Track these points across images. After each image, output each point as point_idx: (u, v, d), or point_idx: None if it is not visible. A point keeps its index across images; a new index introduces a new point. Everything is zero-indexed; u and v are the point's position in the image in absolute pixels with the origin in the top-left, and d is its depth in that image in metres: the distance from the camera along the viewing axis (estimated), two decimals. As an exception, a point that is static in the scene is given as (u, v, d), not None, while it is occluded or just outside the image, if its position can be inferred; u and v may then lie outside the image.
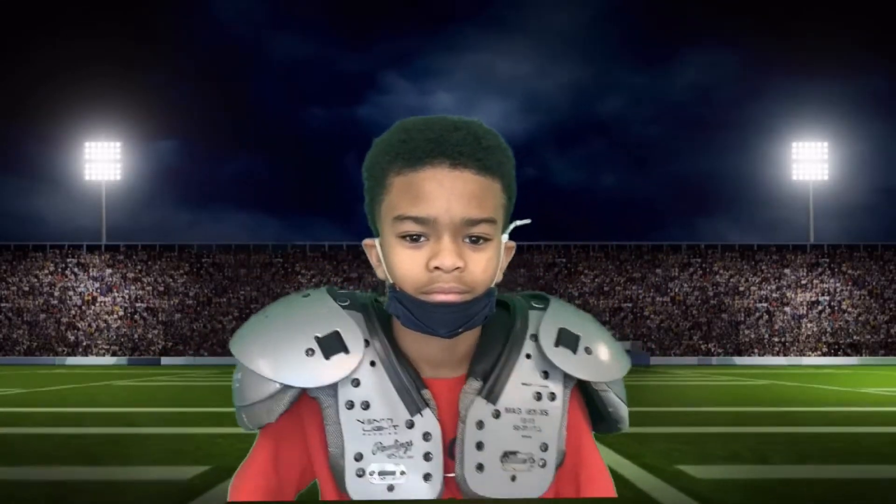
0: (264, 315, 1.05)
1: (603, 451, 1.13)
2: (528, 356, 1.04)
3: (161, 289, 61.23)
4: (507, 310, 1.08)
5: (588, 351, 1.04)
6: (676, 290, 61.75)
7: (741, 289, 61.50)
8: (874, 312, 59.54)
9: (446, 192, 0.94)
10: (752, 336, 58.39)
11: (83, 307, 59.82)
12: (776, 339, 58.17)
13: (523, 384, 1.02)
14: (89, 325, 58.52)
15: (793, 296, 60.90)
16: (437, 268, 0.94)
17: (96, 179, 65.78)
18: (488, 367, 1.02)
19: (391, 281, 1.00)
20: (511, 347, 1.04)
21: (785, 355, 56.75)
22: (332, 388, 0.99)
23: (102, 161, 65.29)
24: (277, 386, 0.99)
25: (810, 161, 65.76)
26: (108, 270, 62.29)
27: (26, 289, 60.84)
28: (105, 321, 58.96)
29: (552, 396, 1.03)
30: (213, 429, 10.59)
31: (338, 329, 1.00)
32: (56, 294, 60.53)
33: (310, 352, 0.98)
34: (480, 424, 0.99)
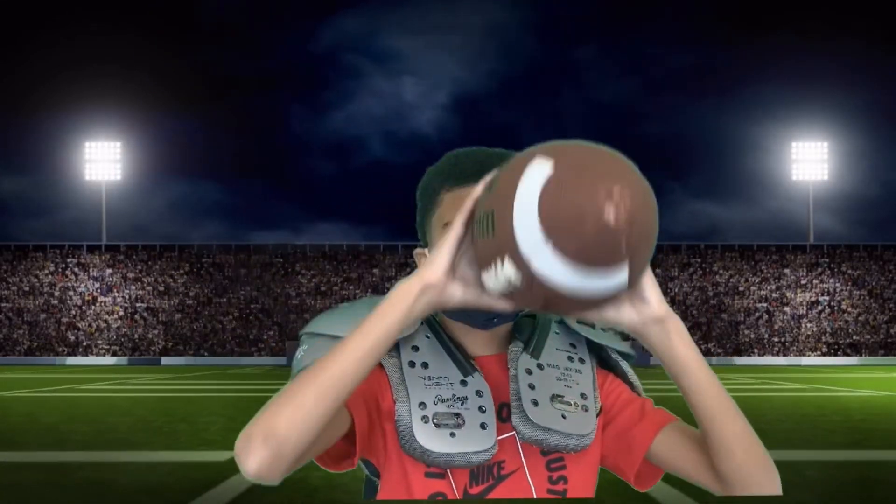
0: (335, 308, 1.21)
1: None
2: (557, 332, 1.23)
3: (161, 289, 61.25)
4: None
5: (604, 330, 1.24)
6: (676, 290, 61.79)
7: (741, 289, 61.53)
8: (874, 312, 59.56)
9: None
10: (752, 336, 58.42)
11: (83, 307, 59.84)
12: (776, 339, 58.19)
13: (557, 349, 1.21)
14: (89, 325, 58.54)
15: (793, 296, 60.92)
16: None
17: (96, 179, 65.80)
18: (526, 337, 1.21)
19: None
20: (542, 325, 1.23)
21: (785, 355, 56.77)
22: (396, 351, 1.15)
23: (102, 161, 65.30)
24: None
25: (810, 161, 65.79)
26: (109, 270, 62.32)
27: (26, 289, 60.86)
28: (105, 321, 58.98)
29: (581, 360, 1.21)
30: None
31: None
32: (56, 294, 60.55)
33: None
34: (529, 371, 1.15)
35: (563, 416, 1.12)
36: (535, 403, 1.11)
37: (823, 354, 56.65)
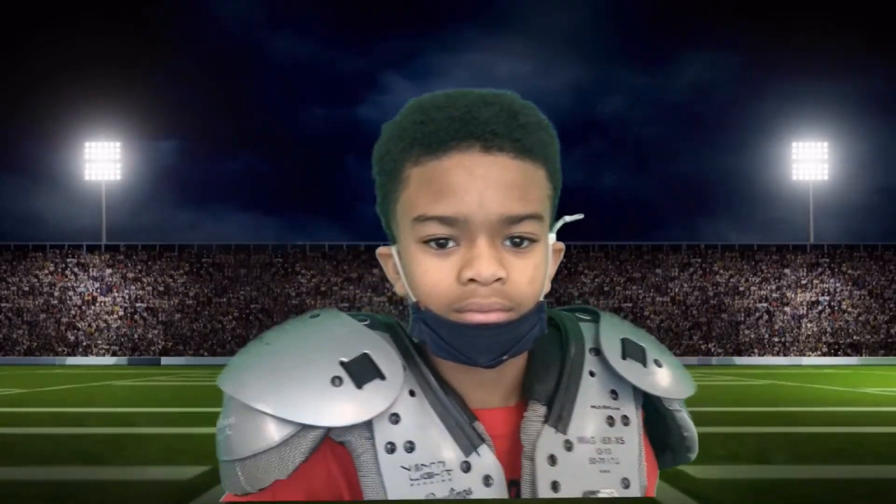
0: (263, 342, 0.80)
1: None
2: (592, 374, 0.84)
3: (161, 289, 61.23)
4: (552, 323, 0.88)
5: (658, 364, 0.86)
6: (676, 290, 61.76)
7: (741, 289, 61.50)
8: (874, 312, 59.54)
9: (479, 183, 0.74)
10: (752, 336, 58.39)
11: (83, 307, 59.82)
12: (776, 339, 58.17)
13: (592, 407, 0.83)
14: (89, 325, 58.53)
15: (793, 296, 60.90)
16: (471, 280, 0.74)
17: (96, 179, 65.77)
18: (550, 389, 0.82)
19: (413, 298, 0.79)
20: (572, 364, 0.84)
21: (785, 355, 56.75)
22: (367, 427, 0.76)
23: (102, 161, 65.27)
24: (292, 428, 0.74)
25: (810, 161, 65.75)
26: (108, 270, 62.30)
27: (26, 289, 60.84)
28: (105, 321, 58.96)
29: (625, 420, 0.84)
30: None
31: (367, 351, 0.77)
32: (56, 294, 60.53)
33: (336, 380, 0.75)
34: (553, 460, 0.78)
35: None
36: None
37: (823, 354, 56.64)
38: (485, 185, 0.74)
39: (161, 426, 11.46)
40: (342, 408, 0.74)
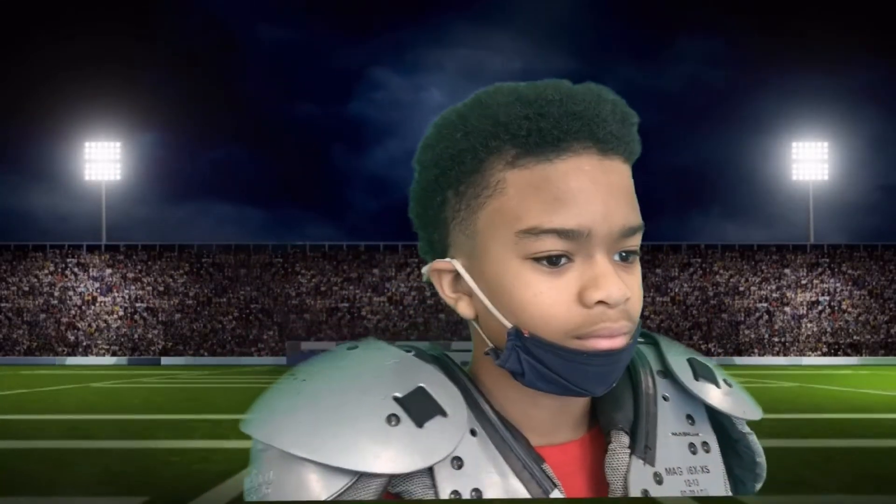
0: (298, 379, 0.68)
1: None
2: (666, 398, 0.76)
3: (161, 289, 61.24)
4: None
5: (728, 383, 0.79)
6: (676, 290, 61.77)
7: (741, 289, 61.52)
8: (874, 312, 59.56)
9: (602, 191, 0.65)
10: (753, 336, 58.41)
11: (83, 307, 59.83)
12: (776, 339, 58.19)
13: (673, 434, 0.75)
14: (89, 325, 58.54)
15: (793, 296, 60.92)
16: (600, 301, 0.64)
17: (96, 179, 65.78)
18: (630, 416, 0.74)
19: (509, 324, 0.66)
20: (647, 389, 0.76)
21: (785, 355, 56.77)
22: (427, 475, 0.65)
23: (102, 161, 65.28)
24: (346, 480, 0.62)
25: (810, 161, 65.76)
26: (108, 270, 62.31)
27: (26, 289, 60.85)
28: (105, 321, 58.98)
29: (706, 447, 0.76)
30: (176, 442, 9.49)
31: (422, 384, 0.67)
32: (56, 294, 60.54)
33: (393, 419, 0.64)
34: (645, 494, 0.70)
35: None
36: None
37: (824, 354, 56.65)
38: (608, 193, 0.65)
39: (114, 439, 10.01)
40: (401, 452, 0.62)
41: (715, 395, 0.76)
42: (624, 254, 0.67)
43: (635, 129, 0.69)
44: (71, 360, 54.53)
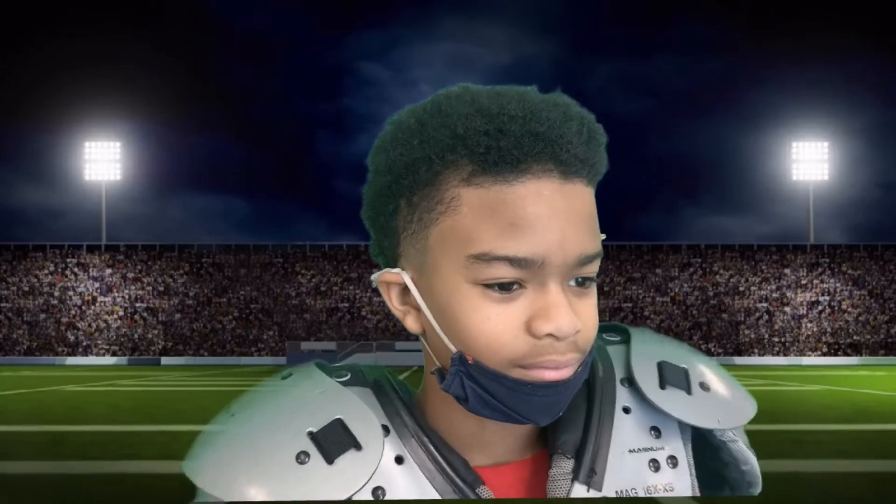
0: (229, 413, 0.69)
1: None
2: (627, 410, 0.72)
3: (161, 289, 61.26)
4: None
5: (704, 387, 0.73)
6: (676, 290, 61.78)
7: (741, 289, 61.53)
8: (874, 312, 59.56)
9: (560, 218, 0.62)
10: (753, 336, 58.42)
11: (83, 307, 59.85)
12: (776, 339, 58.21)
13: (630, 452, 0.71)
14: (89, 325, 58.55)
15: (793, 296, 60.93)
16: (549, 334, 0.62)
17: (96, 179, 65.79)
18: (577, 437, 0.70)
19: (454, 349, 0.64)
20: (602, 402, 0.72)
21: (785, 355, 56.79)
22: None
23: (102, 161, 65.29)
24: None
25: (810, 161, 65.76)
26: (108, 270, 62.32)
27: (26, 289, 60.86)
28: (105, 321, 58.99)
29: (673, 461, 0.71)
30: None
31: (340, 416, 0.66)
32: (56, 294, 60.55)
33: (303, 456, 0.63)
34: None
35: None
36: None
37: (823, 354, 56.67)
38: (566, 221, 0.62)
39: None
40: (313, 488, 0.62)
41: (681, 406, 0.71)
42: (580, 279, 0.64)
43: (602, 149, 0.65)
44: (71, 361, 54.56)
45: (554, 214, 0.61)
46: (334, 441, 0.63)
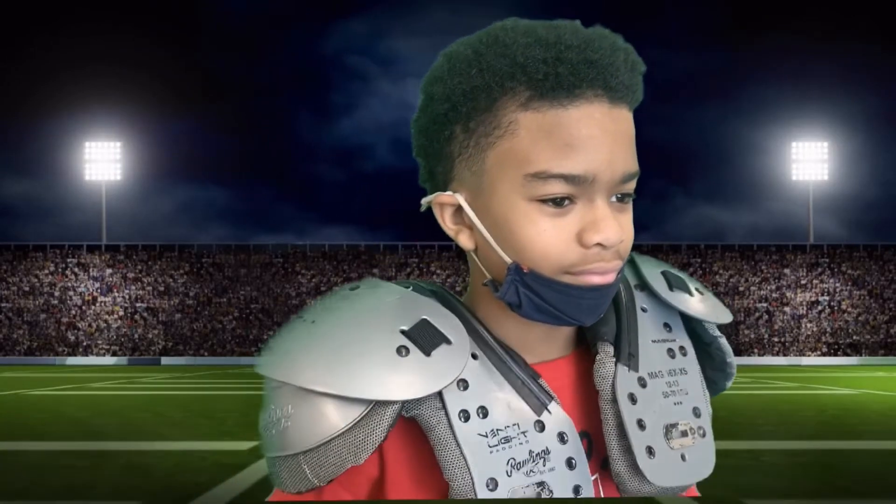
0: (307, 321, 0.73)
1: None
2: (644, 309, 0.83)
3: (161, 289, 61.27)
4: None
5: (699, 291, 0.87)
6: (676, 290, 61.83)
7: (741, 289, 61.54)
8: (874, 312, 59.57)
9: (609, 139, 0.69)
10: (752, 336, 58.43)
11: (83, 307, 59.85)
12: (776, 339, 58.21)
13: (653, 342, 0.82)
14: (89, 325, 58.56)
15: (793, 296, 60.93)
16: (598, 244, 0.70)
17: (96, 179, 65.79)
18: (613, 329, 0.81)
19: (509, 259, 0.72)
20: (627, 303, 0.83)
21: (785, 355, 56.80)
22: (437, 398, 0.70)
23: (102, 161, 65.29)
24: (362, 408, 0.67)
25: (810, 161, 65.77)
26: (109, 270, 62.33)
27: (26, 289, 60.87)
28: (105, 321, 59.00)
29: (683, 351, 0.83)
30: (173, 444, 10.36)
31: (425, 316, 0.72)
32: (56, 294, 60.56)
33: (403, 350, 0.69)
34: (633, 398, 0.77)
35: (683, 458, 0.78)
36: (651, 453, 0.75)
37: (823, 354, 56.68)
38: (614, 141, 0.69)
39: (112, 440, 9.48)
40: (413, 378, 0.68)
41: (689, 303, 0.83)
42: (620, 195, 0.71)
43: (641, 77, 0.72)
44: (71, 361, 54.57)
45: (604, 136, 0.67)
46: (427, 336, 0.70)
